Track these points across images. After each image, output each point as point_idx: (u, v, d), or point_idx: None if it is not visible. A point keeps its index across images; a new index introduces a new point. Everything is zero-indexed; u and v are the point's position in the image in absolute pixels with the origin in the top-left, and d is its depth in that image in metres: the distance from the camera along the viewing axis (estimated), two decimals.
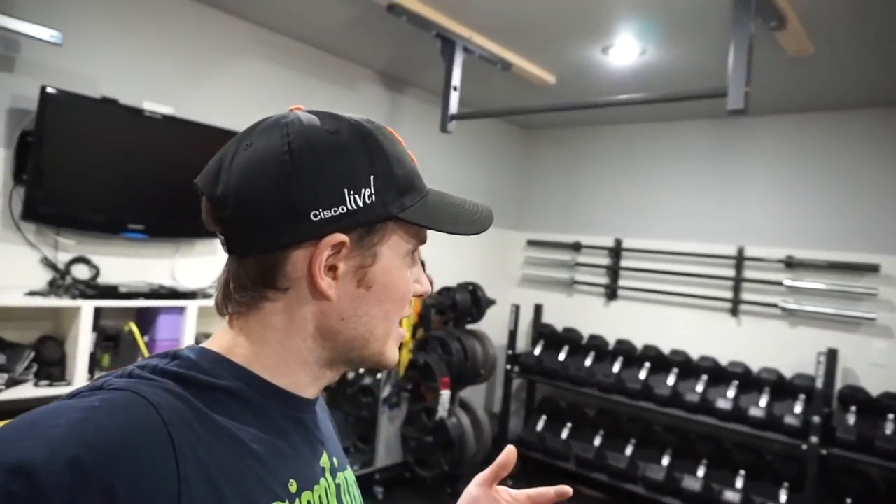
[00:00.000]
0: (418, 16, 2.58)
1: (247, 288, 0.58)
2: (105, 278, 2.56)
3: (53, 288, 2.37)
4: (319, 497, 0.60)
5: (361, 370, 3.93)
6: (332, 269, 0.57)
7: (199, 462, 0.48)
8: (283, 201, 0.55)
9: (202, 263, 2.91)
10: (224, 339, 0.59)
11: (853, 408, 3.15)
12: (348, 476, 0.69)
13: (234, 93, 3.00)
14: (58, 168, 2.35)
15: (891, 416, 3.04)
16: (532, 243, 4.67)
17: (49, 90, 2.27)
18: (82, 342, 2.30)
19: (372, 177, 0.57)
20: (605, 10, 2.51)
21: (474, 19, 2.74)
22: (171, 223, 2.74)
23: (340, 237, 0.56)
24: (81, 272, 2.51)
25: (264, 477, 0.54)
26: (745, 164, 3.78)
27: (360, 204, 0.57)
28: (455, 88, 2.88)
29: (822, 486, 3.12)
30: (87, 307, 2.30)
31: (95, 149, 2.48)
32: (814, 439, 3.06)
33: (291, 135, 0.56)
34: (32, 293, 2.28)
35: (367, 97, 3.60)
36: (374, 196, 0.57)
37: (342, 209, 0.56)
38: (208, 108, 2.86)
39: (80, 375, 2.30)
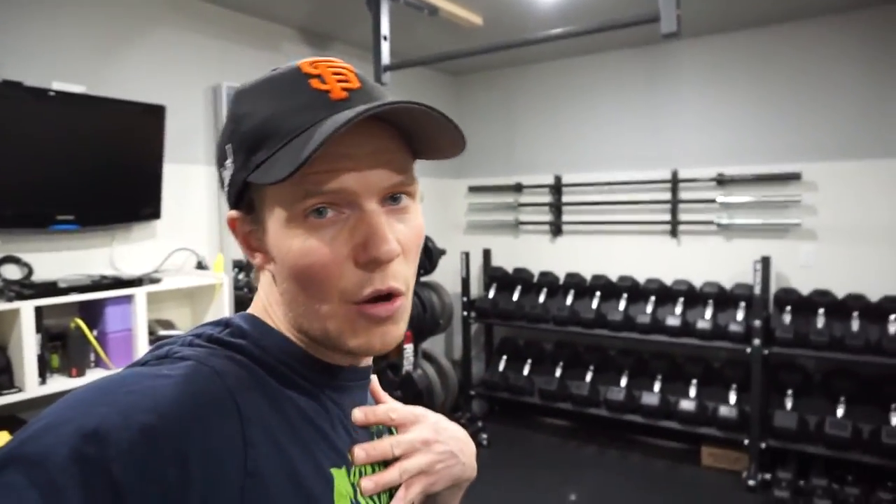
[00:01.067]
0: None
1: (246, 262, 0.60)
2: (39, 275, 2.40)
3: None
4: (374, 468, 0.59)
5: None
6: (256, 245, 0.56)
7: (263, 426, 0.49)
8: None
9: (142, 248, 2.78)
10: (258, 303, 0.59)
11: (788, 308, 3.39)
12: None
13: (151, 65, 2.80)
14: None
15: (821, 311, 3.29)
16: (474, 189, 4.69)
17: None
18: (27, 346, 2.17)
19: (228, 146, 0.54)
20: None
21: None
22: (103, 209, 2.58)
23: (230, 214, 0.57)
24: (12, 272, 2.35)
25: (322, 444, 0.54)
26: (674, 88, 3.89)
27: (227, 177, 0.55)
28: (385, 38, 2.80)
29: (766, 384, 3.38)
30: (27, 308, 2.16)
31: (5, 138, 2.28)
32: (756, 342, 3.29)
33: None
34: None
35: (291, 57, 3.44)
36: (232, 165, 0.54)
37: (225, 187, 0.56)
38: (125, 83, 2.67)
39: (30, 380, 2.18)
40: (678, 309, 3.66)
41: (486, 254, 4.60)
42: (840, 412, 3.17)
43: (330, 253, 0.51)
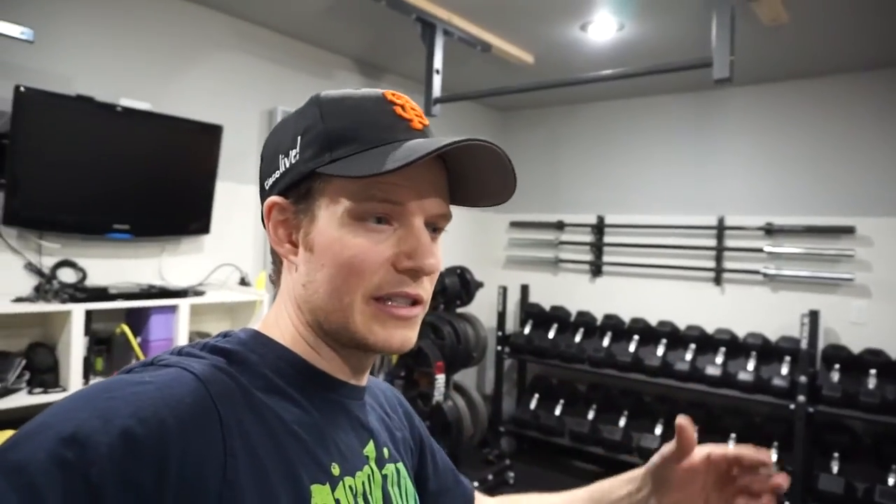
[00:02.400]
0: (398, 0, 2.55)
1: (273, 261, 0.64)
2: (92, 281, 2.50)
3: (40, 293, 2.31)
4: (362, 483, 0.59)
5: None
6: (288, 234, 0.60)
7: (244, 437, 0.49)
8: (260, 182, 0.63)
9: (189, 261, 2.87)
10: (269, 315, 0.62)
11: (836, 366, 3.25)
12: (400, 468, 0.67)
13: (211, 86, 2.94)
14: (36, 170, 2.28)
15: (872, 371, 3.14)
16: (515, 224, 4.70)
17: (22, 89, 2.20)
18: (75, 347, 2.25)
19: (299, 137, 0.58)
20: None
21: (452, 1, 2.72)
22: (156, 221, 2.69)
23: (272, 200, 0.59)
24: (68, 276, 2.46)
25: (305, 458, 0.54)
26: (721, 134, 3.85)
27: (288, 164, 0.58)
28: (437, 72, 2.87)
29: (810, 444, 3.22)
30: (78, 311, 2.25)
31: (74, 149, 2.41)
32: (801, 398, 3.15)
33: (277, 126, 0.63)
34: (19, 299, 2.22)
35: (344, 86, 3.55)
36: (298, 155, 0.57)
37: (277, 174, 0.59)
38: (186, 102, 2.80)
39: (74, 381, 2.26)
40: (719, 358, 3.55)
41: (524, 289, 4.57)
42: (892, 480, 2.99)
43: (374, 251, 0.55)
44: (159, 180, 2.66)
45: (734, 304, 3.76)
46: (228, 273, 2.98)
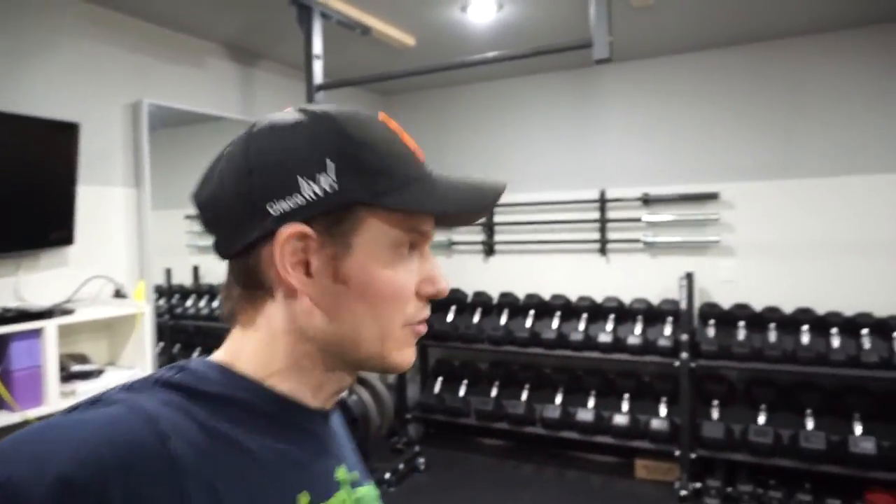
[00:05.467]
0: None
1: (236, 292, 0.58)
2: None
3: None
4: None
5: None
6: (304, 263, 0.55)
7: (201, 477, 0.46)
8: (243, 198, 0.54)
9: (53, 276, 2.56)
10: (228, 347, 0.58)
11: (712, 322, 3.54)
12: (370, 490, 0.66)
13: (64, 79, 2.60)
14: None
15: (741, 324, 3.46)
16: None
17: None
18: None
19: (329, 161, 0.53)
20: None
21: None
22: (6, 235, 2.36)
23: (297, 227, 0.53)
24: None
25: (272, 490, 0.52)
26: (600, 110, 4.03)
27: (319, 191, 0.53)
28: (317, 57, 2.74)
29: (693, 396, 3.50)
30: None
31: None
32: (684, 355, 3.41)
33: (254, 132, 0.56)
34: None
35: (216, 73, 3.31)
36: (335, 183, 0.53)
37: (298, 199, 0.53)
38: (35, 98, 2.47)
39: None
40: (609, 325, 3.75)
41: None
42: (762, 420, 3.32)
43: (410, 281, 0.58)
44: (7, 188, 2.34)
45: (619, 272, 3.98)
46: (101, 286, 2.70)
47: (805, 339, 3.29)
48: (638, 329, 3.68)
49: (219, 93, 3.33)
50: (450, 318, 4.22)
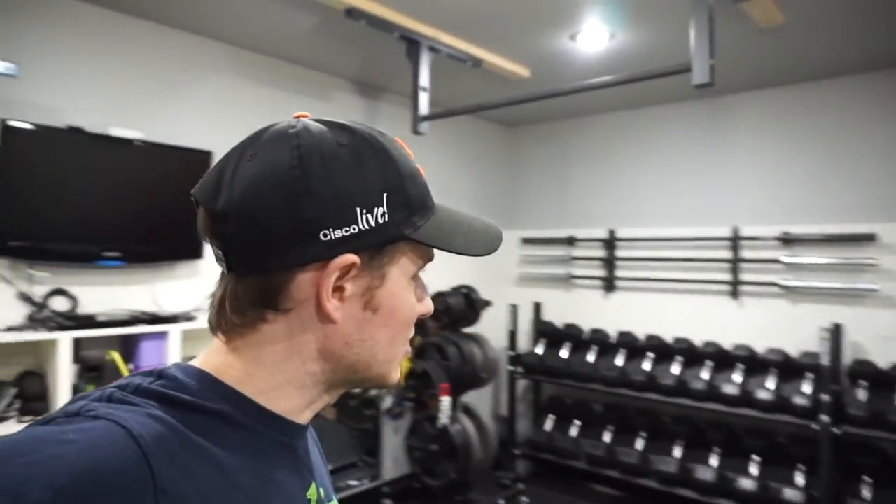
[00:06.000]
0: (378, 18, 2.54)
1: (245, 308, 0.54)
2: (84, 308, 2.53)
3: (32, 322, 2.35)
4: None
5: None
6: (338, 290, 0.55)
7: (181, 498, 0.45)
8: (291, 220, 0.52)
9: (185, 286, 2.88)
10: (215, 358, 0.56)
11: (863, 383, 3.05)
12: None
13: (205, 112, 2.98)
14: (26, 200, 2.33)
15: None
16: (527, 241, 4.61)
17: (10, 123, 2.26)
18: (62, 375, 2.27)
19: (385, 195, 0.55)
20: None
21: (438, 17, 2.70)
22: (149, 248, 2.71)
23: (351, 258, 0.53)
24: (60, 304, 2.49)
25: None
26: (732, 142, 3.71)
27: (372, 223, 0.54)
28: (424, 89, 2.84)
29: (838, 467, 3.02)
30: (65, 339, 2.27)
31: (64, 179, 2.46)
32: (824, 418, 2.96)
33: (302, 147, 0.53)
34: (10, 329, 2.26)
35: (342, 106, 3.57)
36: (386, 216, 0.54)
37: (353, 229, 0.53)
38: (180, 130, 2.84)
39: None
40: (737, 376, 3.38)
41: (537, 307, 4.46)
42: None
43: (417, 308, 0.61)
44: (150, 207, 2.69)
45: (752, 318, 3.58)
46: None
47: None
48: (771, 383, 3.27)
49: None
50: (564, 353, 4.07)
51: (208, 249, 2.44)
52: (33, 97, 2.43)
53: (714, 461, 3.40)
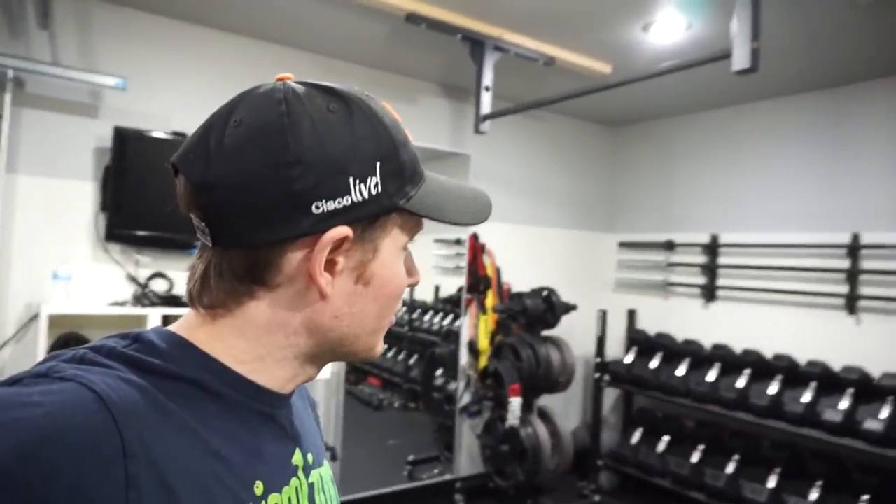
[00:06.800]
0: (438, 21, 2.61)
1: (230, 283, 0.52)
2: (180, 290, 2.88)
3: (135, 300, 2.73)
4: (289, 499, 0.55)
5: (446, 379, 3.99)
6: (329, 263, 0.52)
7: (152, 463, 0.43)
8: (281, 191, 0.49)
9: None
10: (194, 325, 0.54)
11: None
12: (324, 473, 0.64)
13: None
14: (133, 196, 2.71)
15: None
16: (624, 245, 4.42)
17: (120, 127, 2.64)
18: None
19: (378, 163, 0.52)
20: None
21: (502, 17, 2.71)
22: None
23: (344, 231, 0.51)
24: (159, 286, 2.86)
25: (226, 478, 0.49)
26: (856, 136, 3.27)
27: (366, 195, 0.51)
28: (487, 89, 2.86)
29: None
30: (154, 314, 2.61)
31: (166, 177, 2.81)
32: None
33: (292, 115, 0.50)
34: (115, 304, 2.65)
35: (429, 109, 3.68)
36: (380, 185, 0.52)
37: (347, 200, 0.51)
38: None
39: None
40: (845, 402, 2.98)
41: (631, 314, 4.26)
42: None
43: (406, 279, 0.59)
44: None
45: (871, 337, 3.13)
46: None
47: None
48: (885, 412, 2.85)
49: (430, 126, 3.68)
50: (654, 364, 3.84)
51: None
52: (142, 106, 2.82)
53: (814, 495, 3.03)
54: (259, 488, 0.51)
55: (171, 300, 2.70)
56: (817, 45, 2.82)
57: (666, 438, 3.76)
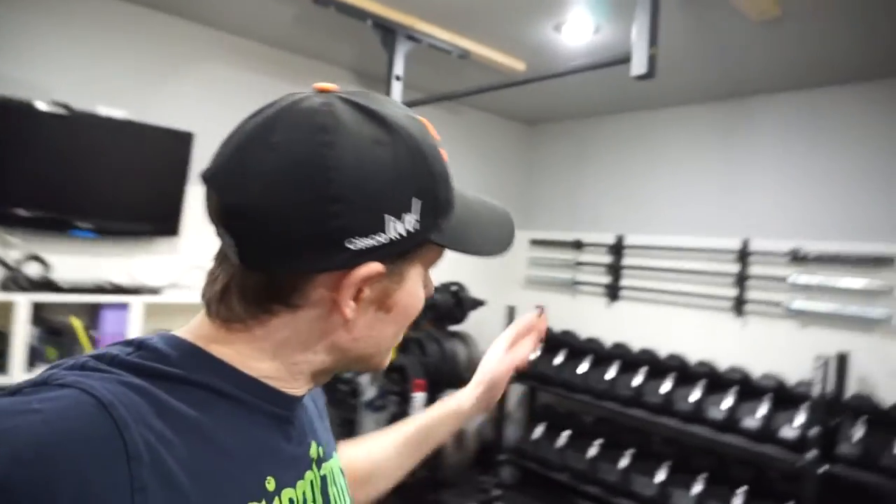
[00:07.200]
0: (347, 5, 2.52)
1: (252, 301, 0.52)
2: (58, 275, 2.66)
3: (4, 284, 2.48)
4: (304, 493, 0.56)
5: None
6: (356, 292, 0.53)
7: (157, 465, 0.43)
8: (317, 226, 0.48)
9: (162, 262, 2.97)
10: (205, 331, 0.53)
11: (863, 420, 2.76)
12: (334, 465, 0.65)
13: (198, 97, 3.05)
14: (3, 170, 2.47)
15: None
16: (535, 242, 4.48)
17: None
18: (19, 335, 2.39)
19: (415, 200, 0.51)
20: None
21: (413, 5, 2.64)
22: (124, 224, 2.81)
23: (376, 269, 0.51)
24: (35, 269, 2.62)
25: (237, 475, 0.49)
26: (748, 148, 3.44)
27: (402, 232, 0.51)
28: (398, 78, 2.80)
29: None
30: (24, 301, 2.39)
31: (43, 152, 2.58)
32: (811, 454, 2.70)
33: (336, 146, 0.48)
34: None
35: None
36: (415, 222, 0.52)
37: (382, 238, 0.50)
38: (168, 112, 2.92)
39: (17, 366, 2.39)
40: (728, 400, 3.14)
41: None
42: None
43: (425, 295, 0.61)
44: (128, 184, 2.79)
45: (755, 339, 3.32)
46: (201, 275, 3.06)
47: None
48: (762, 410, 3.01)
49: None
50: (557, 361, 3.92)
51: (190, 228, 2.49)
52: (27, 75, 2.56)
53: (697, 488, 3.17)
54: (271, 483, 0.52)
55: (45, 285, 2.48)
56: (714, 58, 2.93)
57: (566, 434, 3.84)
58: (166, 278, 2.94)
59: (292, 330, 0.53)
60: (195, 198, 2.99)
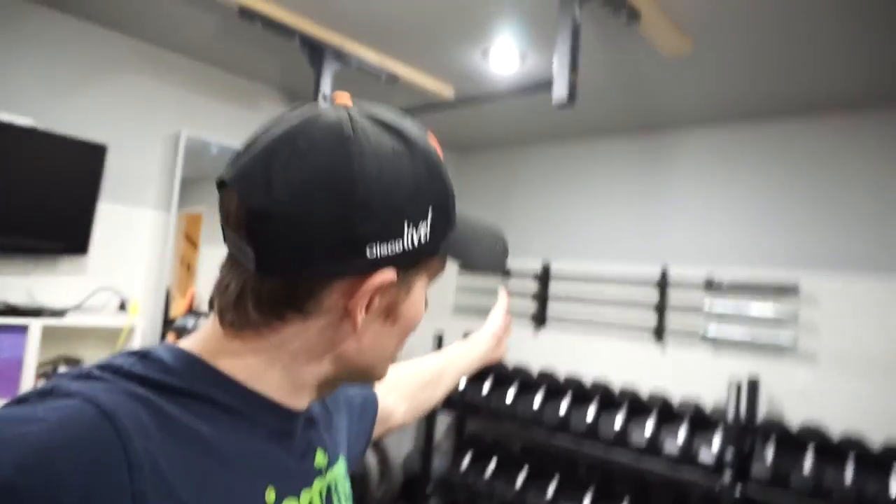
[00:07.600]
0: (273, 21, 2.48)
1: (267, 308, 0.52)
2: None
3: None
4: (309, 500, 0.57)
5: None
6: (370, 303, 0.54)
7: (158, 474, 0.43)
8: (342, 233, 0.49)
9: (67, 282, 2.77)
10: (210, 342, 0.54)
11: (773, 440, 2.86)
12: (338, 471, 0.65)
13: (113, 107, 2.91)
14: None
15: (811, 449, 2.74)
16: (464, 269, 4.47)
17: None
18: None
19: (430, 211, 0.54)
20: (480, 7, 2.38)
21: (341, 24, 2.63)
22: (24, 240, 2.61)
23: (391, 277, 0.52)
24: None
25: (236, 486, 0.50)
26: (668, 179, 3.60)
27: (417, 241, 0.53)
28: (325, 98, 2.76)
29: None
30: None
31: None
32: (727, 476, 2.77)
33: (363, 156, 0.50)
34: None
35: (269, 116, 3.50)
36: (430, 232, 0.54)
37: (399, 246, 0.52)
38: (80, 122, 2.77)
39: None
40: (649, 425, 3.19)
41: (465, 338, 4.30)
42: None
43: None
44: (29, 198, 2.61)
45: (674, 365, 3.41)
46: (109, 297, 2.88)
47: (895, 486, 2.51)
48: (682, 434, 3.08)
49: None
50: (485, 389, 3.89)
51: (100, 247, 2.31)
52: None
53: None
54: (271, 494, 0.52)
55: None
56: (632, 92, 3.06)
57: (494, 463, 3.80)
58: (71, 300, 2.75)
59: (301, 338, 0.53)
60: (111, 216, 2.83)
